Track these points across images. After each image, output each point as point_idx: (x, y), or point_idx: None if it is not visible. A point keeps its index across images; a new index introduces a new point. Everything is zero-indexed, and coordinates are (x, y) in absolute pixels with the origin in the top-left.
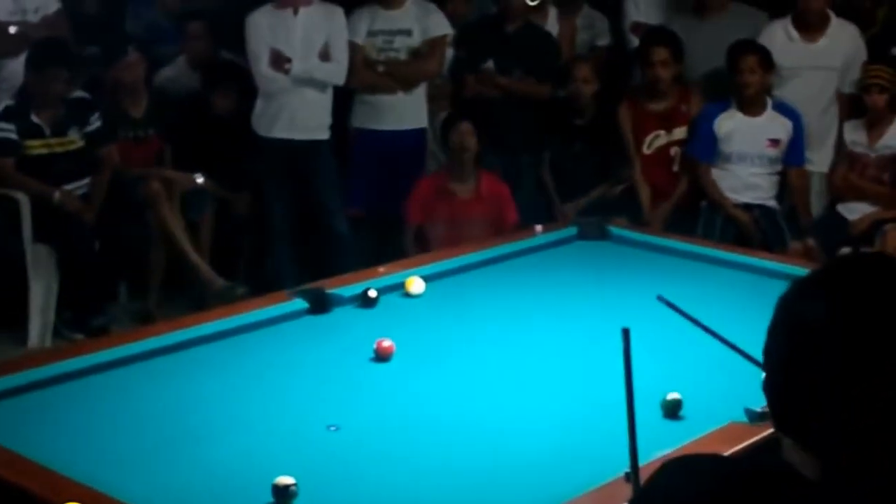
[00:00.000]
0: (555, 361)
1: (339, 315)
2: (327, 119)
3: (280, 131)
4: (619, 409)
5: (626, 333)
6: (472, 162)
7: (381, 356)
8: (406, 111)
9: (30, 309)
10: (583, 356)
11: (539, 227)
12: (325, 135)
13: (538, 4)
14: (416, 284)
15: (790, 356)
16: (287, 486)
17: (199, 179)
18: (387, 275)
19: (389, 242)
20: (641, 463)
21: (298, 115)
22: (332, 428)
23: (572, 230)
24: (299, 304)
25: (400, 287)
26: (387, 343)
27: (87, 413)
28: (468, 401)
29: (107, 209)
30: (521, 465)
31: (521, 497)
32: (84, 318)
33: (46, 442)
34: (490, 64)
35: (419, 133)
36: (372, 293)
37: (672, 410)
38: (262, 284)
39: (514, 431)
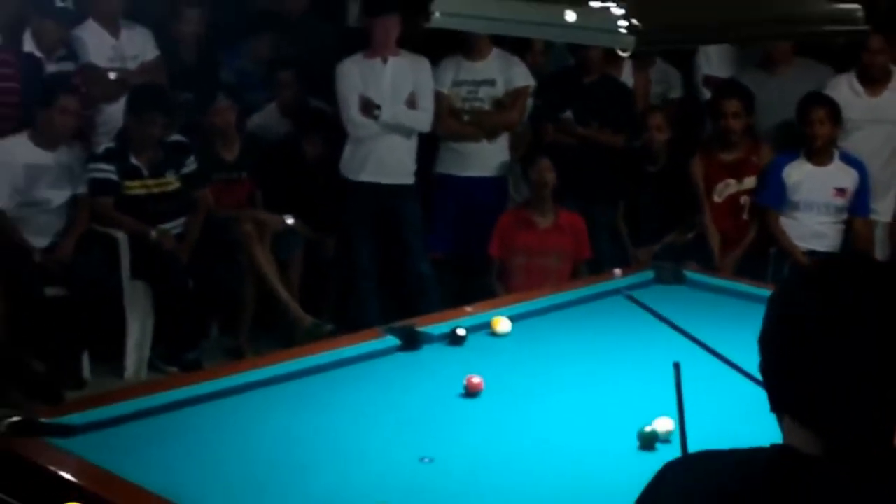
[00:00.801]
0: (634, 399)
1: (428, 352)
2: (413, 164)
3: (368, 175)
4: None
5: (676, 368)
6: (551, 196)
7: (471, 392)
8: (488, 159)
9: (126, 343)
10: (660, 395)
11: (618, 271)
12: (410, 179)
13: (613, 57)
14: (502, 324)
15: (787, 343)
16: None
17: (290, 221)
18: (474, 314)
19: (471, 284)
20: None
21: (386, 160)
22: (426, 460)
23: (649, 274)
24: (391, 341)
25: (486, 326)
26: (476, 379)
27: (182, 443)
28: (553, 435)
29: (200, 248)
30: (599, 497)
31: None
32: (178, 352)
33: (146, 470)
34: (569, 114)
35: (501, 181)
36: (460, 332)
37: (647, 442)
38: (348, 323)
39: (594, 465)
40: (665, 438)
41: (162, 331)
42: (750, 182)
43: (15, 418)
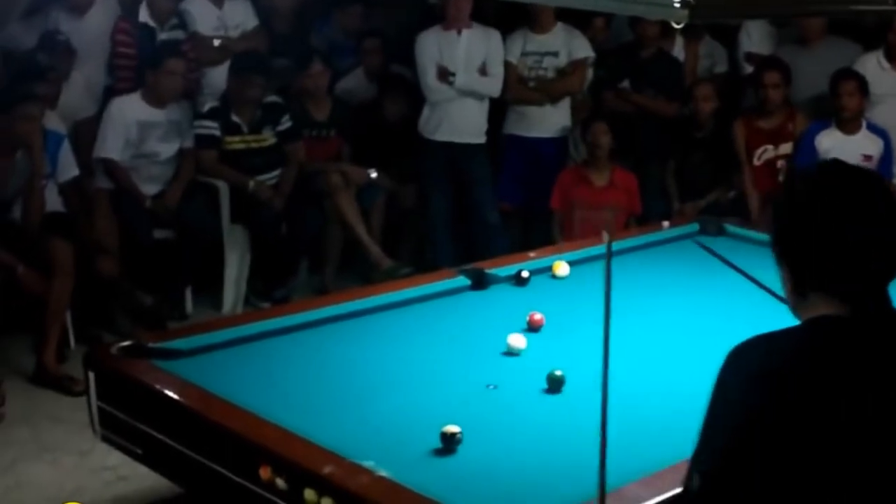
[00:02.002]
0: (680, 335)
1: (495, 292)
2: (484, 125)
3: (442, 135)
4: None
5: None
6: (606, 156)
7: (533, 327)
8: (551, 121)
9: (225, 280)
10: (710, 331)
11: (666, 223)
12: (481, 139)
13: (667, 33)
14: (562, 268)
15: (811, 229)
16: (454, 434)
17: (373, 174)
18: (536, 259)
19: (534, 232)
20: None
21: (459, 122)
22: (491, 387)
23: (694, 227)
24: (462, 281)
25: (548, 269)
26: (538, 316)
27: (272, 368)
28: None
29: (293, 197)
30: (647, 425)
31: (652, 455)
32: (270, 289)
33: (240, 390)
34: (626, 83)
35: (562, 141)
36: (524, 274)
37: (555, 385)
38: (423, 266)
39: (644, 396)
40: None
41: (257, 270)
42: (786, 148)
43: (126, 342)
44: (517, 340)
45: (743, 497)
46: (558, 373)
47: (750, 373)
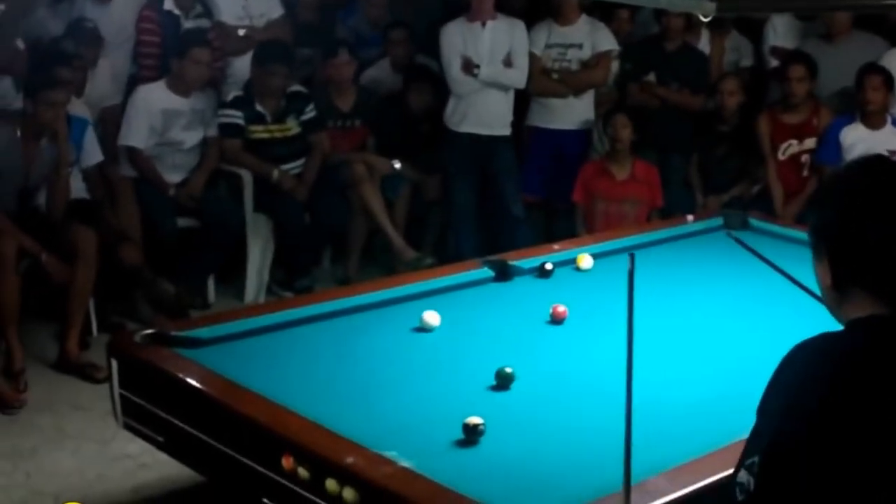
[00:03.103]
0: (705, 330)
1: (519, 283)
2: (509, 117)
3: (468, 127)
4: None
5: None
6: (627, 149)
7: (556, 319)
8: (574, 114)
9: (248, 269)
10: (735, 325)
11: (690, 217)
12: (507, 131)
13: (692, 26)
14: (585, 260)
15: (854, 227)
16: (476, 425)
17: (397, 165)
18: (560, 251)
19: (557, 225)
20: None
21: (484, 114)
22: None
23: (718, 220)
24: (486, 272)
25: (571, 262)
26: (561, 308)
27: (295, 357)
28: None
29: (316, 187)
30: (671, 418)
31: (675, 448)
32: (293, 279)
33: (263, 380)
34: (651, 76)
35: (585, 134)
36: (548, 266)
37: (504, 380)
38: (446, 258)
39: (668, 389)
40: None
41: (279, 259)
42: (810, 143)
43: (149, 330)
44: (431, 317)
45: (789, 496)
46: (508, 370)
47: (806, 373)
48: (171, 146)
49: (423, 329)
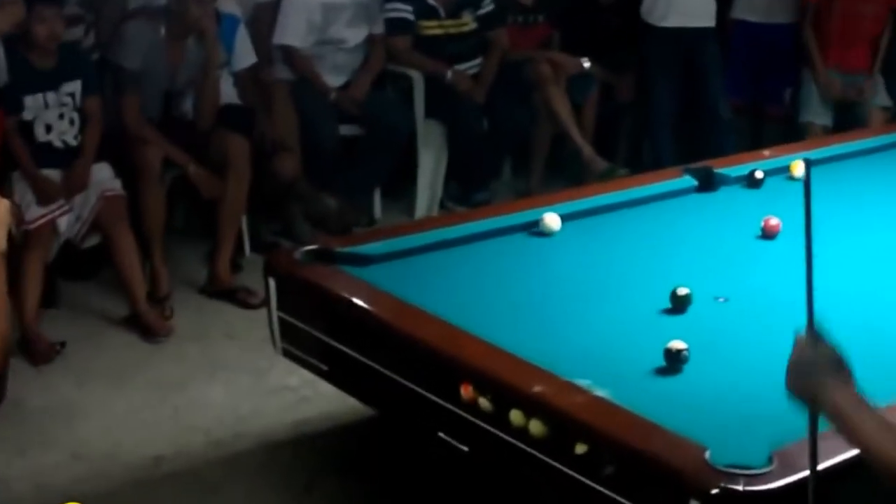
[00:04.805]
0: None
1: (725, 193)
2: (714, 6)
3: (672, 21)
4: None
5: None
6: None
7: (768, 234)
8: (779, 6)
9: (418, 182)
10: None
11: None
12: (712, 22)
13: None
14: (800, 168)
15: None
16: (679, 351)
17: (586, 64)
18: (772, 158)
19: (765, 132)
20: None
21: (689, 4)
22: (720, 300)
23: None
24: (687, 181)
25: (784, 170)
26: (774, 221)
27: (474, 276)
28: (854, 279)
29: (495, 89)
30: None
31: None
32: (469, 193)
33: (438, 300)
34: None
35: (791, 27)
36: (759, 174)
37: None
38: (641, 168)
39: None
40: None
41: (453, 171)
42: None
43: (311, 247)
44: (552, 220)
45: None
46: (682, 291)
47: None
48: (332, 45)
49: (543, 233)
